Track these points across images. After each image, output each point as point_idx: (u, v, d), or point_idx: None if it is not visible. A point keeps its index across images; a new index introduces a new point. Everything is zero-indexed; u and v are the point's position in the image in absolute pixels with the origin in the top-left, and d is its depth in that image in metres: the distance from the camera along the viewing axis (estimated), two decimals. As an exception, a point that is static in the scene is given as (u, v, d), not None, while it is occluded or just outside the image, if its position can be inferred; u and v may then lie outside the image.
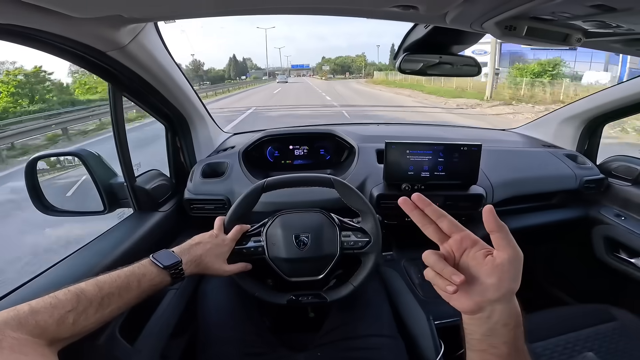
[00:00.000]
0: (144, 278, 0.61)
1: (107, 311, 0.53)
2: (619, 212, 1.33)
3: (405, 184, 1.08)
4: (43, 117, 11.03)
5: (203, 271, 0.74)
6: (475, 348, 0.46)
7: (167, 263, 0.65)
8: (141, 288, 0.60)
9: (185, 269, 0.68)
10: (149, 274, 0.62)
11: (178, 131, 1.20)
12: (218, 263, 0.76)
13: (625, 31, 0.54)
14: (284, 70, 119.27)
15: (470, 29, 0.68)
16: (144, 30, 0.79)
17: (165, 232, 1.07)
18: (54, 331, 0.46)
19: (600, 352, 0.99)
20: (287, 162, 1.31)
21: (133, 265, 0.63)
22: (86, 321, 0.50)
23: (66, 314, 0.48)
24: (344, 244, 0.83)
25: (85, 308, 0.50)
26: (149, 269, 0.63)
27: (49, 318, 0.46)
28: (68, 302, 0.49)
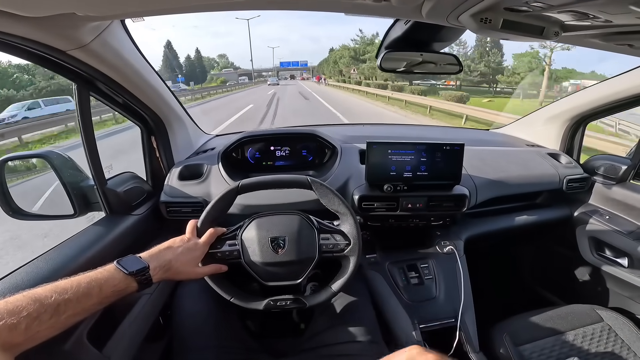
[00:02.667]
0: (106, 284, 0.58)
1: (63, 317, 0.51)
2: (604, 211, 1.33)
3: (388, 185, 1.06)
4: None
5: (173, 277, 0.71)
6: None
7: (133, 269, 0.63)
8: (103, 294, 0.57)
9: (153, 274, 0.66)
10: (112, 280, 0.59)
11: (154, 132, 1.16)
12: (189, 267, 0.73)
13: (603, 23, 0.52)
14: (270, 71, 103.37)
15: (447, 23, 0.66)
16: (109, 28, 0.76)
17: (138, 236, 1.03)
18: (6, 336, 0.44)
19: (588, 354, 0.99)
20: (268, 163, 1.28)
21: (96, 271, 0.60)
22: (40, 327, 0.48)
23: (19, 320, 0.46)
24: (322, 247, 0.81)
25: (39, 314, 0.48)
26: (112, 275, 0.60)
27: (2, 324, 0.44)
28: (22, 307, 0.47)
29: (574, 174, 1.34)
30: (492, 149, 1.43)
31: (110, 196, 0.97)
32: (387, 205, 1.08)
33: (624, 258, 1.23)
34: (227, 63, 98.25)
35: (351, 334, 0.88)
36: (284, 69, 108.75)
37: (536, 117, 1.57)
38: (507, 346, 0.99)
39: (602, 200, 1.36)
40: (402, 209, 1.09)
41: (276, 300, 0.80)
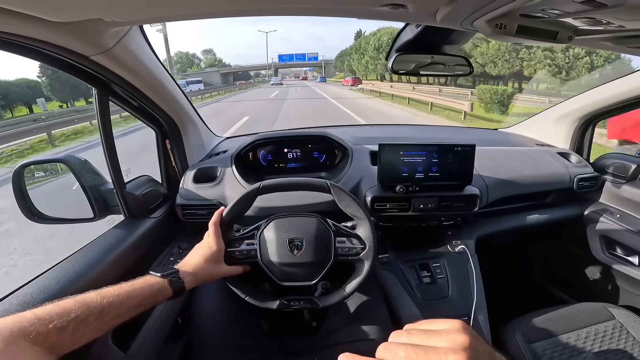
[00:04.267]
0: (144, 286, 0.62)
1: (106, 319, 0.54)
2: (614, 209, 1.34)
3: (400, 186, 1.07)
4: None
5: (204, 280, 0.75)
6: None
7: (164, 272, 0.67)
8: (142, 296, 0.61)
9: (184, 278, 0.69)
10: (148, 282, 0.64)
11: (169, 136, 1.18)
12: (214, 267, 0.76)
13: (616, 28, 0.53)
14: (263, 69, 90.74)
15: (460, 28, 0.67)
16: (129, 33, 0.78)
17: (158, 239, 1.05)
18: (55, 339, 0.46)
19: (600, 351, 0.99)
20: (280, 165, 1.30)
21: (133, 280, 0.64)
22: (85, 328, 0.50)
23: (67, 322, 0.48)
24: (338, 250, 0.82)
25: (86, 316, 0.50)
26: (148, 279, 0.65)
27: (52, 326, 0.46)
28: (70, 309, 0.49)
29: (584, 173, 1.34)
30: (503, 149, 1.44)
31: (129, 199, 0.99)
32: (400, 206, 1.10)
33: (634, 256, 1.23)
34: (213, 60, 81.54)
35: (365, 333, 0.89)
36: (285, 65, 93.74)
37: (546, 117, 1.57)
38: (520, 344, 1.00)
39: (612, 199, 1.36)
40: (414, 210, 1.10)
41: (289, 300, 0.82)
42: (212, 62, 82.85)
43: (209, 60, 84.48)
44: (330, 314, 1.00)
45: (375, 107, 15.39)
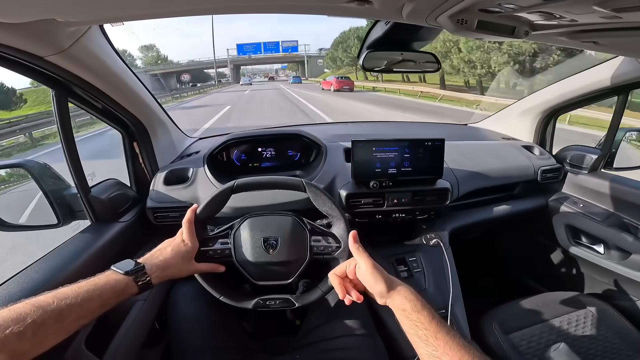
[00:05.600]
0: (105, 286, 0.59)
1: (66, 322, 0.52)
2: (578, 199, 1.40)
3: (374, 182, 1.08)
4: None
5: (172, 276, 0.73)
6: (406, 333, 0.56)
7: (128, 269, 0.64)
8: (104, 297, 0.58)
9: (151, 274, 0.67)
10: (110, 282, 0.61)
11: (137, 138, 1.14)
12: (185, 264, 0.75)
13: (569, 22, 0.56)
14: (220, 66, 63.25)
15: (426, 24, 0.69)
16: (88, 33, 0.75)
17: (128, 243, 1.03)
18: (15, 345, 0.45)
19: (575, 339, 1.03)
20: (254, 165, 1.29)
21: (94, 277, 0.61)
22: (45, 332, 0.49)
23: (25, 327, 0.46)
24: (313, 248, 0.82)
25: (43, 320, 0.49)
26: (110, 277, 0.62)
27: (9, 332, 0.45)
28: (26, 314, 0.48)
29: (547, 164, 1.40)
30: (471, 143, 1.49)
31: (95, 204, 0.96)
32: (374, 201, 1.11)
33: (599, 245, 1.28)
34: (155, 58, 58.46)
35: (346, 328, 0.90)
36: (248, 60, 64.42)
37: (510, 112, 1.64)
38: (497, 335, 1.03)
39: (575, 189, 1.43)
40: (388, 205, 1.12)
41: (265, 300, 0.81)
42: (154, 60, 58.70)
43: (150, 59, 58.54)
44: (311, 311, 1.00)
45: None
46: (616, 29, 0.60)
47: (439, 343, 0.49)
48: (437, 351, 0.48)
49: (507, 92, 15.00)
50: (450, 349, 0.48)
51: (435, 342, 0.49)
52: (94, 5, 0.56)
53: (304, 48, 65.95)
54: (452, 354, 0.47)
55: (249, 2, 0.59)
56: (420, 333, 0.51)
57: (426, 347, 0.50)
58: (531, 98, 1.49)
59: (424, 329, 0.51)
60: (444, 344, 0.48)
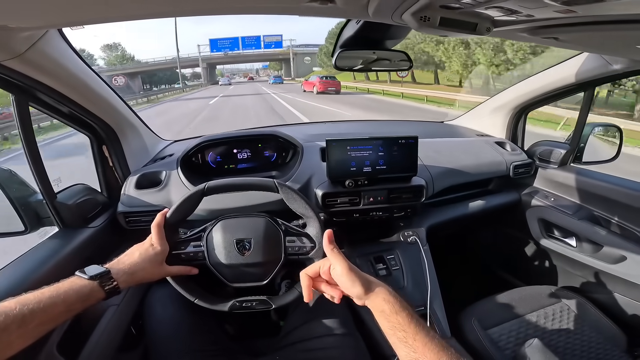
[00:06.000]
0: (69, 291, 0.59)
1: (30, 326, 0.52)
2: (549, 193, 1.44)
3: (349, 180, 1.09)
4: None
5: (141, 280, 0.71)
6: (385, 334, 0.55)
7: (93, 273, 0.63)
8: (68, 302, 0.58)
9: (117, 278, 0.65)
10: (75, 287, 0.60)
11: (105, 141, 1.11)
12: (154, 267, 0.73)
13: (527, 17, 0.57)
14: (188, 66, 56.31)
15: (392, 22, 0.69)
16: (45, 37, 0.73)
17: (99, 248, 1.01)
18: None
19: (552, 333, 1.05)
20: (230, 166, 1.27)
21: (58, 282, 0.60)
22: (9, 337, 0.49)
23: None
24: (288, 249, 0.82)
25: (6, 325, 0.49)
26: (74, 282, 0.61)
27: None
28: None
29: (518, 160, 1.44)
30: (446, 140, 1.51)
31: (62, 210, 0.94)
32: (350, 200, 1.11)
33: (572, 238, 1.31)
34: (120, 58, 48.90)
35: (326, 328, 0.91)
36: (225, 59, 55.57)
37: (484, 109, 1.67)
38: (477, 331, 1.04)
39: (546, 184, 1.47)
40: (364, 203, 1.12)
41: (242, 301, 0.81)
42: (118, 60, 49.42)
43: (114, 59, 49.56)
44: (291, 312, 1.00)
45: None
46: (574, 24, 0.62)
47: (417, 344, 0.49)
48: (416, 352, 0.49)
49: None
50: (429, 350, 0.48)
51: (413, 344, 0.49)
52: (46, 10, 0.54)
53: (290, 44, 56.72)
54: (431, 355, 0.48)
55: (207, 4, 0.58)
56: (400, 334, 0.51)
57: (405, 348, 0.50)
58: (502, 95, 1.53)
59: (403, 330, 0.51)
60: (422, 345, 0.49)
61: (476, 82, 18.08)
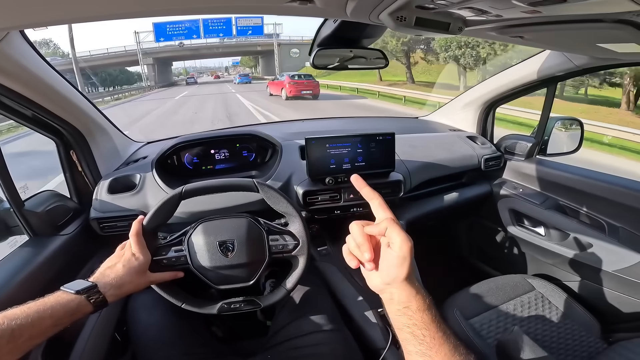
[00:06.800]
0: (56, 305, 0.58)
1: (20, 341, 0.52)
2: (518, 185, 1.51)
3: (329, 178, 1.10)
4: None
5: (129, 292, 0.71)
6: (395, 327, 0.51)
7: (79, 288, 0.63)
8: (56, 316, 0.57)
9: (105, 292, 0.65)
10: (62, 301, 0.60)
11: (73, 146, 1.07)
12: (140, 278, 0.72)
13: (496, 17, 0.60)
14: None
15: (370, 21, 0.71)
16: (6, 39, 0.69)
17: (73, 256, 0.98)
18: None
19: (529, 321, 1.09)
20: (208, 167, 1.24)
21: (43, 297, 0.60)
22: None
23: None
24: (272, 248, 0.82)
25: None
26: (61, 297, 0.60)
27: None
28: None
29: (489, 153, 1.50)
30: (421, 136, 1.55)
31: (31, 218, 0.90)
32: (331, 197, 1.13)
33: (540, 227, 1.38)
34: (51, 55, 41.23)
35: (314, 325, 0.91)
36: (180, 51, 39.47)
37: (456, 104, 1.73)
38: (460, 321, 1.07)
39: (514, 176, 1.54)
40: (345, 200, 1.14)
41: (230, 303, 0.80)
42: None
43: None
44: (278, 311, 1.00)
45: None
46: (538, 24, 0.66)
47: (434, 343, 0.48)
48: (431, 350, 0.48)
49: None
50: (443, 349, 0.48)
51: (431, 342, 0.48)
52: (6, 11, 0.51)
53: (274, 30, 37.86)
54: (444, 353, 0.47)
55: (181, 3, 0.57)
56: (419, 332, 0.49)
57: (419, 346, 0.48)
58: (472, 91, 1.59)
59: (424, 329, 0.49)
60: (439, 345, 0.48)
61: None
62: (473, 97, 1.59)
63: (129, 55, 36.39)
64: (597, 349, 1.01)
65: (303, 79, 15.05)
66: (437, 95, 11.67)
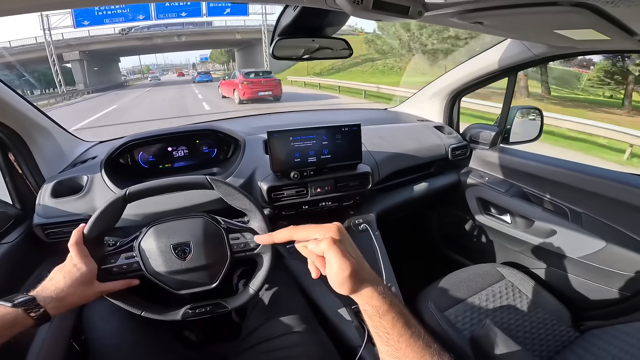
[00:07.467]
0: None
1: None
2: (483, 173, 1.53)
3: (294, 172, 1.06)
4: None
5: (73, 304, 0.66)
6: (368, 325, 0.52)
7: (16, 301, 0.59)
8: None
9: (45, 305, 0.61)
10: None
11: (10, 148, 0.98)
12: (85, 289, 0.66)
13: (455, 0, 0.58)
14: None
15: (326, 6, 0.67)
16: None
17: (17, 265, 0.91)
18: None
19: (501, 312, 1.10)
20: (166, 166, 1.17)
21: None
22: None
23: None
24: (233, 247, 0.77)
25: None
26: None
27: None
28: None
29: (455, 142, 1.51)
30: (389, 126, 1.54)
31: None
32: (297, 192, 1.09)
33: (506, 215, 1.40)
34: None
35: (286, 326, 0.87)
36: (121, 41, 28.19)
37: (423, 95, 1.73)
38: (434, 313, 1.06)
39: (480, 164, 1.56)
40: (312, 194, 1.10)
41: (194, 307, 0.76)
42: None
43: None
44: (249, 312, 0.96)
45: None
46: (497, 7, 0.65)
47: (400, 345, 0.48)
48: (398, 352, 0.47)
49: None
50: (412, 350, 0.47)
51: (397, 345, 0.48)
52: None
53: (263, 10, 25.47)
54: (413, 354, 0.47)
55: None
56: (382, 334, 0.49)
57: (387, 346, 0.49)
58: (438, 81, 1.60)
59: (385, 332, 0.49)
60: (405, 346, 0.47)
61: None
62: (439, 88, 1.59)
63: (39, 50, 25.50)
64: (569, 337, 1.03)
65: (260, 77, 12.18)
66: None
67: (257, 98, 11.83)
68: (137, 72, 67.31)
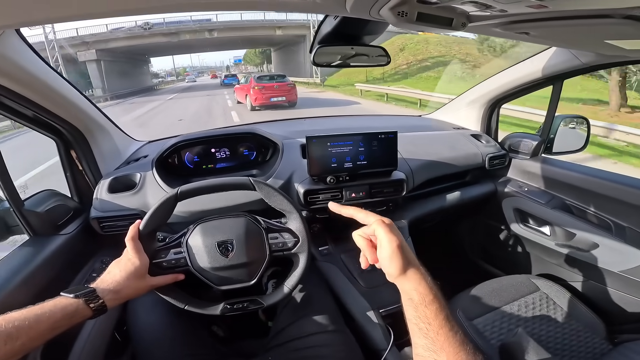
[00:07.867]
0: (54, 309, 0.59)
1: (18, 343, 0.52)
2: (522, 183, 1.48)
3: (330, 177, 1.09)
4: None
5: (128, 296, 0.71)
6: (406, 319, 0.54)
7: (78, 292, 0.63)
8: (53, 319, 0.58)
9: (104, 297, 0.65)
10: (60, 305, 0.60)
11: (73, 145, 1.07)
12: (138, 282, 0.72)
13: (500, 12, 0.58)
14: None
15: (370, 17, 0.69)
16: (1, 38, 0.69)
17: (74, 255, 0.98)
18: None
19: (534, 322, 1.07)
20: (209, 166, 1.24)
21: (42, 302, 0.61)
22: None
23: None
24: (272, 246, 0.81)
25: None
26: (60, 301, 0.61)
27: None
28: None
29: (493, 152, 1.48)
30: (424, 134, 1.53)
31: (31, 217, 0.91)
32: (332, 196, 1.11)
33: (545, 227, 1.35)
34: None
35: (315, 326, 0.90)
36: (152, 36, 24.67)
37: (460, 102, 1.71)
38: (463, 322, 1.05)
39: (519, 174, 1.51)
40: (346, 199, 1.12)
41: (232, 303, 0.80)
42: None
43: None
44: (279, 311, 0.99)
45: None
46: (545, 19, 0.64)
47: (439, 338, 0.48)
48: (435, 345, 0.48)
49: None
50: (449, 345, 0.48)
51: (435, 337, 0.49)
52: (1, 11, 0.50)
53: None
54: (450, 349, 0.47)
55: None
56: (422, 326, 0.50)
57: (424, 339, 0.49)
58: (477, 89, 1.57)
59: (427, 322, 0.50)
60: (444, 339, 0.48)
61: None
62: (477, 95, 1.56)
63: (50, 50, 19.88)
64: (602, 350, 0.99)
65: (273, 82, 10.99)
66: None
67: (270, 104, 10.65)
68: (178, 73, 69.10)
